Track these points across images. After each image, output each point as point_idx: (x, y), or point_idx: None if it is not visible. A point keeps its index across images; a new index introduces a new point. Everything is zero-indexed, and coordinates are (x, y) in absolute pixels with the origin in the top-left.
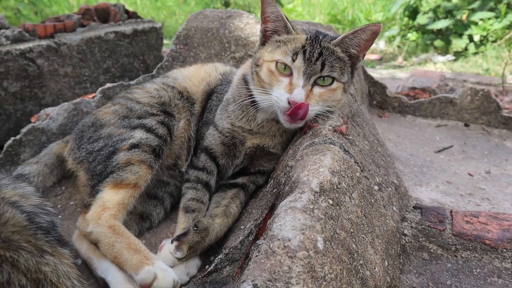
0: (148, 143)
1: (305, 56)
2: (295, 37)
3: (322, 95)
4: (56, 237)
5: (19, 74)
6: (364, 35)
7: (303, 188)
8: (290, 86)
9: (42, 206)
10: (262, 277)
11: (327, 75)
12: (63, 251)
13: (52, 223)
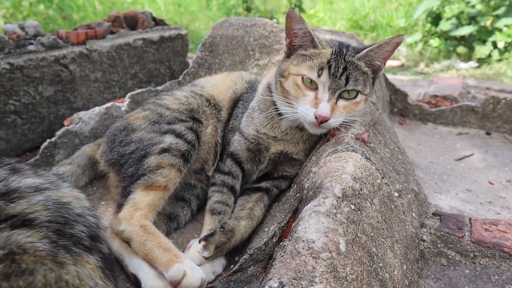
0: (177, 148)
1: (330, 72)
2: (321, 51)
3: (346, 107)
4: (84, 245)
5: (53, 79)
6: (388, 47)
7: (327, 194)
8: (316, 101)
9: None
10: (287, 275)
11: (351, 89)
12: (87, 258)
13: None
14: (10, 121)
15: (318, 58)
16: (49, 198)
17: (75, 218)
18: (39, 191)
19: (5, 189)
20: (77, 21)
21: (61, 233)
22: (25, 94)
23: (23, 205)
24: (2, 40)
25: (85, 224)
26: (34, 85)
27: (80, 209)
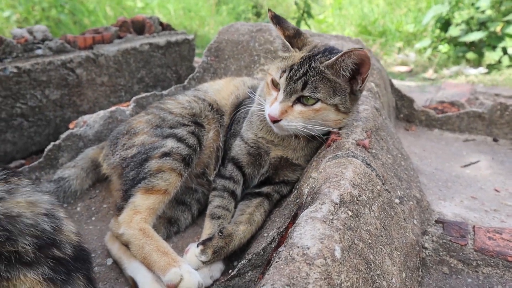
0: (179, 152)
1: (289, 75)
2: (292, 55)
3: (303, 112)
4: (25, 261)
5: (59, 83)
6: (350, 59)
7: (324, 199)
8: (274, 101)
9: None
10: (281, 281)
11: (308, 96)
12: (24, 277)
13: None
14: (17, 124)
15: (287, 61)
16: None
17: (22, 230)
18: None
19: None
20: (88, 25)
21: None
22: (32, 98)
23: None
24: (10, 45)
25: (35, 234)
26: (41, 89)
27: (32, 219)
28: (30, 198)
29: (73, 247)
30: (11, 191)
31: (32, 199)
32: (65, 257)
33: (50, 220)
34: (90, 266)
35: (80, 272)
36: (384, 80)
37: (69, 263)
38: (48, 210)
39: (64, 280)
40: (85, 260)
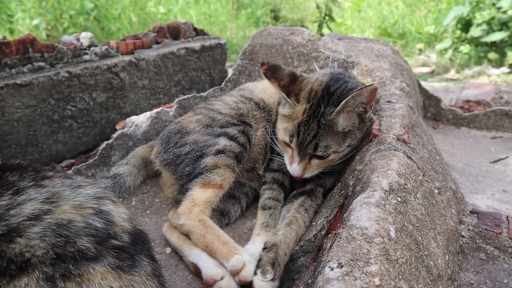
0: (231, 150)
1: (298, 140)
2: (295, 110)
3: (319, 164)
4: (89, 257)
5: (105, 86)
6: (363, 97)
7: (375, 187)
8: (291, 159)
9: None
10: (345, 257)
11: (321, 155)
12: (93, 271)
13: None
14: (67, 125)
15: (291, 121)
16: (48, 225)
17: (77, 233)
18: (38, 219)
19: (6, 228)
20: (114, 32)
21: (60, 259)
22: (81, 100)
23: (21, 243)
24: (61, 51)
25: (90, 233)
26: (89, 92)
27: (82, 222)
28: (74, 202)
29: (129, 233)
30: (53, 199)
31: (76, 202)
32: (125, 245)
33: (100, 217)
34: (150, 245)
35: (142, 253)
36: (413, 80)
37: (129, 249)
38: (95, 209)
39: (130, 264)
40: (143, 241)
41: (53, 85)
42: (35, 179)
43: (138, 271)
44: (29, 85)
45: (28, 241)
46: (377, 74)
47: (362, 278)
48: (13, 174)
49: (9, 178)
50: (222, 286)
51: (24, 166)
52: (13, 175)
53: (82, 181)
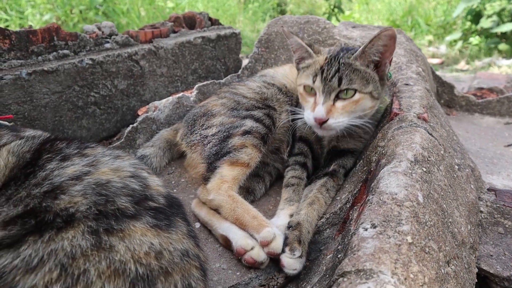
0: (258, 131)
1: (323, 76)
2: (315, 60)
3: (345, 107)
4: (128, 215)
5: (126, 74)
6: (380, 41)
7: (401, 158)
8: (314, 105)
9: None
10: (378, 219)
11: (346, 88)
12: (134, 228)
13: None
14: (91, 111)
15: (313, 66)
16: (88, 185)
17: (115, 192)
18: (79, 179)
19: (51, 186)
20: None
21: (103, 215)
22: (104, 87)
23: (64, 200)
24: (84, 39)
25: (128, 193)
26: (111, 79)
27: (120, 182)
28: (112, 165)
29: (164, 197)
30: (93, 163)
31: (114, 166)
32: (161, 206)
33: (137, 180)
34: (184, 210)
35: (177, 216)
36: (427, 67)
37: (165, 210)
38: (133, 172)
39: (167, 224)
40: (178, 205)
41: (78, 72)
42: (79, 148)
43: (175, 230)
44: (55, 72)
45: (71, 198)
46: (393, 59)
47: (395, 237)
48: (62, 142)
49: (58, 145)
50: (252, 255)
51: (71, 138)
52: (61, 143)
53: (121, 153)
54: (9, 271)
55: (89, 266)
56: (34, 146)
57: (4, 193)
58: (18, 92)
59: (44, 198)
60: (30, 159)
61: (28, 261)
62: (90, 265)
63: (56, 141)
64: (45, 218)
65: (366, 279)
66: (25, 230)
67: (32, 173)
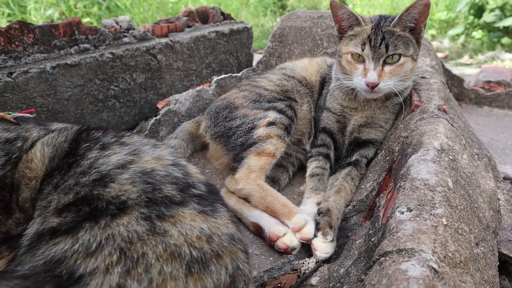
0: (281, 122)
1: (371, 44)
2: (363, 28)
3: (392, 71)
4: (176, 201)
5: (144, 68)
6: (416, 9)
7: (428, 147)
8: (365, 71)
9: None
10: (412, 203)
11: (392, 54)
12: (183, 214)
13: None
14: (111, 104)
15: (361, 35)
16: (134, 173)
17: (161, 180)
18: (125, 168)
19: (99, 174)
20: None
21: (153, 202)
22: (123, 81)
23: (115, 188)
24: (104, 33)
25: (172, 182)
26: (130, 73)
27: (164, 170)
28: (154, 154)
29: (204, 184)
30: (135, 152)
31: (156, 155)
32: (203, 193)
33: (178, 168)
34: (222, 197)
35: (218, 202)
36: (438, 61)
37: (208, 197)
38: (173, 161)
39: (212, 210)
40: (216, 192)
41: (99, 66)
42: (116, 136)
43: (220, 215)
44: (77, 65)
45: (120, 186)
46: None
47: (431, 219)
48: (98, 131)
49: (95, 134)
50: (285, 241)
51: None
52: (98, 132)
53: (156, 141)
54: (70, 256)
55: (146, 249)
56: (70, 136)
57: (50, 182)
58: (42, 86)
59: (94, 186)
60: (69, 149)
61: (87, 246)
62: (147, 249)
63: (91, 130)
64: (98, 206)
65: (408, 258)
66: (80, 217)
67: (75, 162)
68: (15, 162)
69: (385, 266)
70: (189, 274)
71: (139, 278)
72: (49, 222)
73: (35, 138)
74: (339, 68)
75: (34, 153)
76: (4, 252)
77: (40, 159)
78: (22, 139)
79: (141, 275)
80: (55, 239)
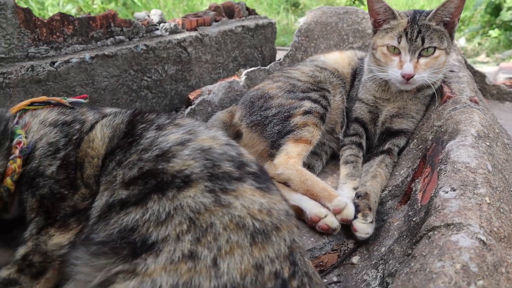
0: (317, 111)
1: (408, 37)
2: (399, 22)
3: (427, 63)
4: (235, 177)
5: (175, 60)
6: (452, 4)
7: (466, 134)
8: (400, 63)
9: None
10: (455, 183)
11: (428, 47)
12: (243, 188)
13: None
14: (144, 95)
15: (396, 29)
16: (194, 150)
17: (219, 158)
18: (184, 145)
19: (160, 150)
20: None
21: (214, 177)
22: (155, 72)
23: (178, 163)
24: (137, 26)
25: (228, 159)
26: (162, 64)
27: (220, 149)
28: (209, 134)
29: (255, 164)
30: (191, 132)
31: (211, 135)
32: (256, 172)
33: (232, 147)
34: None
35: (269, 181)
36: (462, 57)
37: (261, 176)
38: (227, 141)
39: (266, 187)
40: (266, 172)
41: (133, 57)
42: (169, 118)
43: (274, 193)
44: (114, 56)
45: (183, 161)
46: None
47: (475, 198)
48: (151, 114)
49: (149, 116)
50: (326, 222)
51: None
52: (151, 114)
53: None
54: (142, 224)
55: (214, 219)
56: (126, 118)
57: (112, 159)
58: (82, 75)
59: (157, 161)
60: (126, 130)
61: (157, 216)
62: (215, 219)
63: (145, 113)
64: (164, 179)
65: (457, 231)
66: (147, 190)
67: (134, 141)
68: (76, 143)
69: (435, 239)
70: (254, 243)
71: (209, 246)
72: (118, 195)
73: (92, 121)
74: (372, 60)
75: (95, 134)
76: (73, 224)
77: (100, 139)
78: (79, 122)
79: (210, 243)
80: (126, 209)
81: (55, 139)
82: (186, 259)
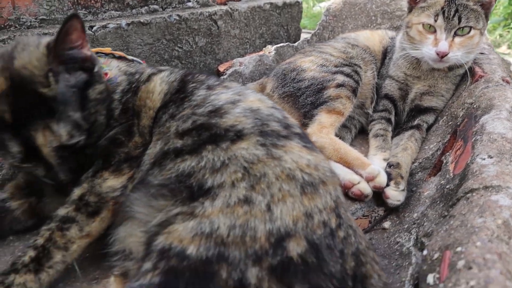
0: (349, 84)
1: (445, 16)
2: (436, 0)
3: (462, 42)
4: (283, 135)
5: (205, 32)
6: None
7: (500, 108)
8: (435, 41)
9: None
10: (492, 151)
11: (464, 26)
12: (291, 145)
13: None
14: (174, 64)
15: (433, 7)
16: (244, 109)
17: (267, 118)
18: (235, 104)
19: (213, 107)
20: None
21: (264, 134)
22: (186, 43)
23: (230, 118)
24: None
25: (275, 120)
26: (193, 36)
27: (266, 110)
28: (257, 96)
29: (299, 127)
30: (240, 94)
31: (258, 97)
32: (300, 133)
33: (277, 110)
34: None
35: (311, 144)
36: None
37: (304, 136)
38: (272, 104)
39: (311, 147)
40: (308, 136)
41: (166, 27)
42: (218, 80)
43: (319, 152)
44: (148, 25)
45: (235, 117)
46: None
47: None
48: (201, 75)
49: (199, 77)
50: (360, 188)
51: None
52: (201, 75)
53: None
54: (198, 171)
55: (267, 170)
56: (178, 76)
57: (166, 112)
58: (118, 41)
59: (210, 116)
60: (178, 87)
61: (213, 164)
62: (267, 169)
63: (195, 74)
64: (217, 132)
65: (496, 192)
66: (201, 141)
67: (186, 97)
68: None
69: (474, 199)
70: (304, 193)
71: (263, 193)
72: (172, 143)
73: (150, 72)
74: (406, 38)
75: (154, 87)
76: (126, 169)
77: (159, 93)
78: (139, 73)
79: (264, 190)
80: (181, 157)
81: (124, 87)
82: (242, 203)
